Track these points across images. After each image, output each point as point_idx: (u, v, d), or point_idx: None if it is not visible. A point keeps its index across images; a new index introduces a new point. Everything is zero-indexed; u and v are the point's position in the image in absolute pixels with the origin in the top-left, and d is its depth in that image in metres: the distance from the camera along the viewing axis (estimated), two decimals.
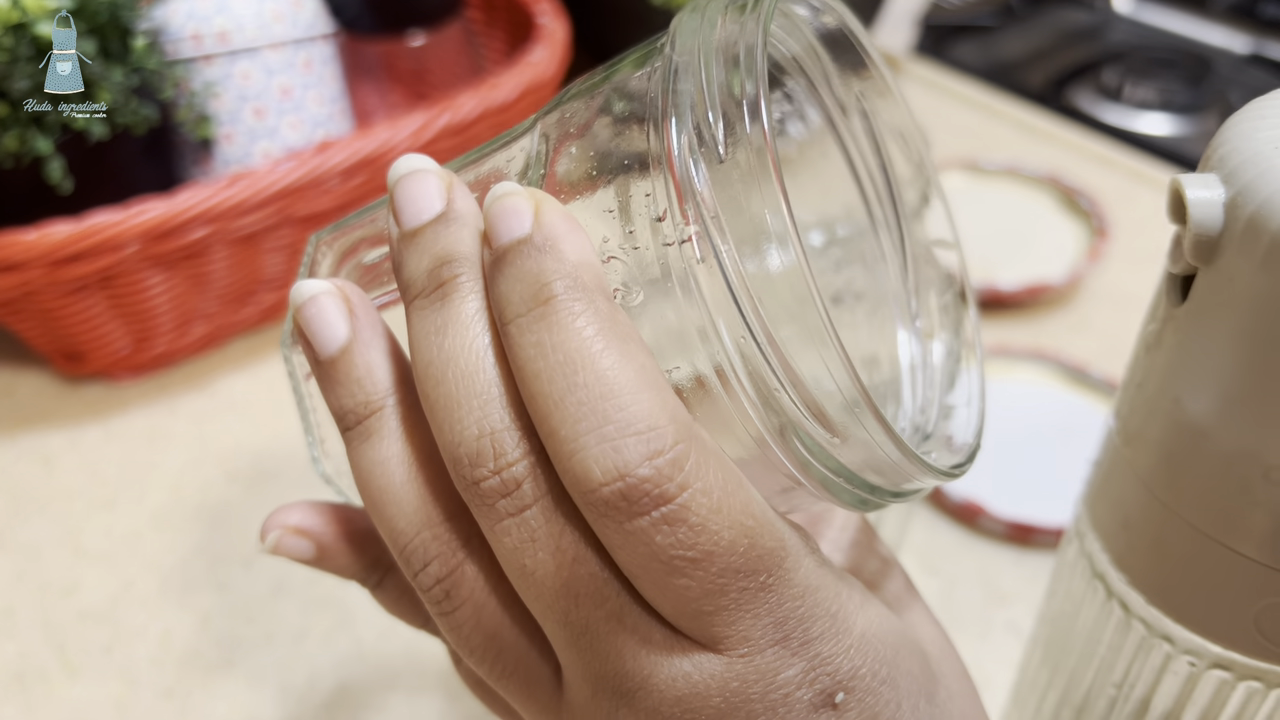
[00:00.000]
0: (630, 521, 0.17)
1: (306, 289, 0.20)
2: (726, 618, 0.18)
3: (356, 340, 0.20)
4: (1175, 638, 0.24)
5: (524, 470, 0.18)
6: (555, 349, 0.17)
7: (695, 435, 0.17)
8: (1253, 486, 0.21)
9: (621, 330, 0.18)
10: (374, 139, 0.51)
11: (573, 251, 0.18)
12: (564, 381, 0.17)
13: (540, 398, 0.17)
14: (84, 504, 0.48)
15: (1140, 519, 0.24)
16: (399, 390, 0.20)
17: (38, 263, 0.45)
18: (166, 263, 0.49)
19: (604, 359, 0.17)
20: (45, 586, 0.44)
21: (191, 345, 0.54)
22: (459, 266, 0.19)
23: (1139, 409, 0.24)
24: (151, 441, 0.51)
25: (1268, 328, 0.20)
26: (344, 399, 0.20)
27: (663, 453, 0.17)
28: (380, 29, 0.63)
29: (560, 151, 0.20)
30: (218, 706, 0.39)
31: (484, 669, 0.20)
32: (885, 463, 0.19)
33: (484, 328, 0.18)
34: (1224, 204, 0.20)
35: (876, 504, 0.20)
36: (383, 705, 0.39)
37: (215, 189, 0.47)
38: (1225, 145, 0.20)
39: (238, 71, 0.54)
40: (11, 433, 0.52)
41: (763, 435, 0.18)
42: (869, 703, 0.19)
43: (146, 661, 0.40)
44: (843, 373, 0.17)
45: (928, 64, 0.84)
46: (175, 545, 0.45)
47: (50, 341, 0.52)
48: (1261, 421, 0.21)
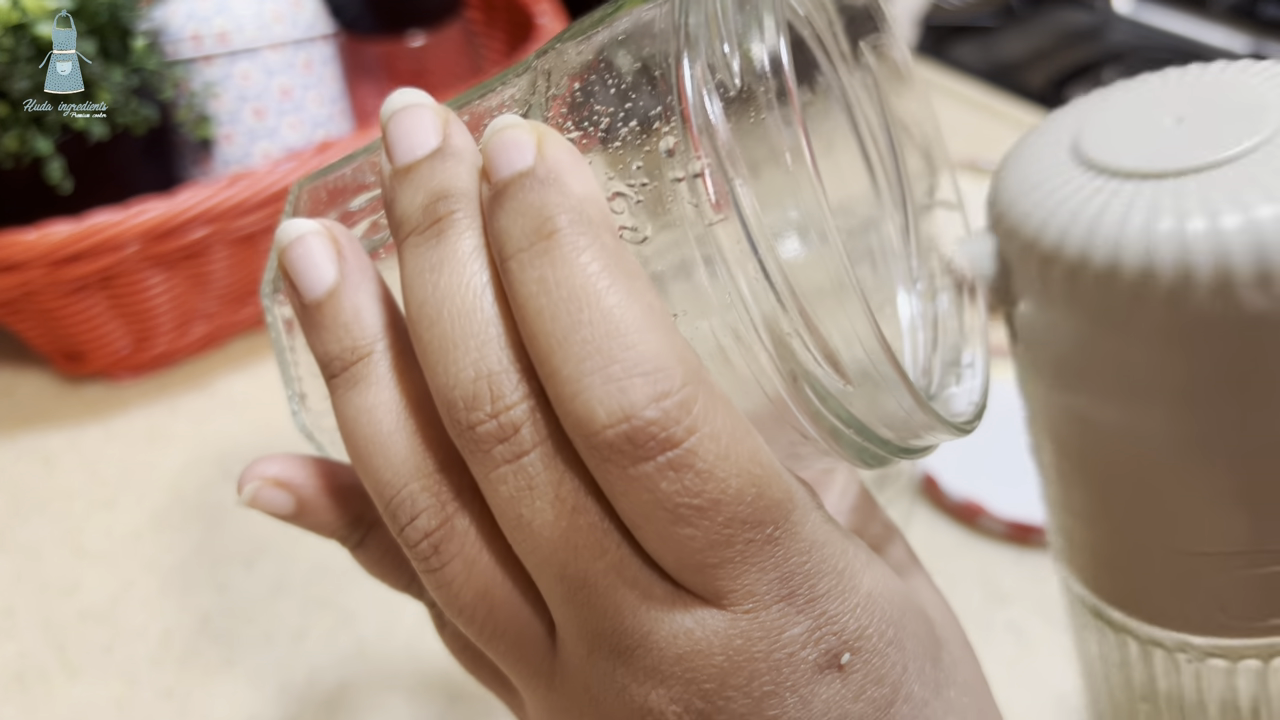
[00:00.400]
0: (635, 466, 0.16)
1: (293, 228, 0.19)
2: (731, 571, 0.17)
3: (345, 282, 0.19)
4: (1160, 638, 0.25)
5: (523, 414, 0.17)
6: (559, 284, 0.16)
7: (703, 378, 0.17)
8: (1138, 475, 0.22)
9: (628, 267, 0.17)
10: (373, 138, 0.51)
11: (578, 185, 0.17)
12: (567, 319, 0.16)
13: (542, 336, 0.16)
14: (84, 504, 0.48)
15: (1079, 530, 0.25)
16: (389, 335, 0.19)
17: (38, 263, 0.45)
18: (167, 263, 0.49)
19: (610, 296, 0.16)
20: (45, 586, 0.44)
21: (191, 345, 0.55)
22: (455, 202, 0.18)
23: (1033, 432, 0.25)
24: (152, 441, 0.51)
25: (1065, 351, 0.21)
26: (330, 344, 0.19)
27: (670, 394, 0.16)
28: (380, 29, 0.63)
29: (563, 87, 0.19)
30: (218, 706, 0.39)
31: (473, 629, 0.19)
32: (897, 415, 0.18)
33: (482, 265, 0.17)
34: (992, 252, 0.21)
35: (885, 459, 0.20)
36: (383, 705, 0.39)
37: (215, 189, 0.47)
38: (993, 192, 0.22)
39: (237, 72, 0.54)
40: (12, 432, 0.52)
41: (774, 382, 0.17)
42: (875, 664, 0.18)
43: (146, 661, 0.40)
44: (861, 317, 0.16)
45: (928, 64, 0.84)
46: (175, 545, 0.45)
47: (50, 341, 0.52)
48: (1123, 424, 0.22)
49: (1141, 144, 0.20)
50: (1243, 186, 0.18)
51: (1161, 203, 0.19)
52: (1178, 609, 0.24)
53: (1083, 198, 0.20)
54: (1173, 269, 0.18)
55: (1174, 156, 0.19)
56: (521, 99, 0.19)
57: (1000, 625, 0.41)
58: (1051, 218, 0.20)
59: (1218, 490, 0.21)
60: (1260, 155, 0.19)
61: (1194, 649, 0.24)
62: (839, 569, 0.18)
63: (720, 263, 0.17)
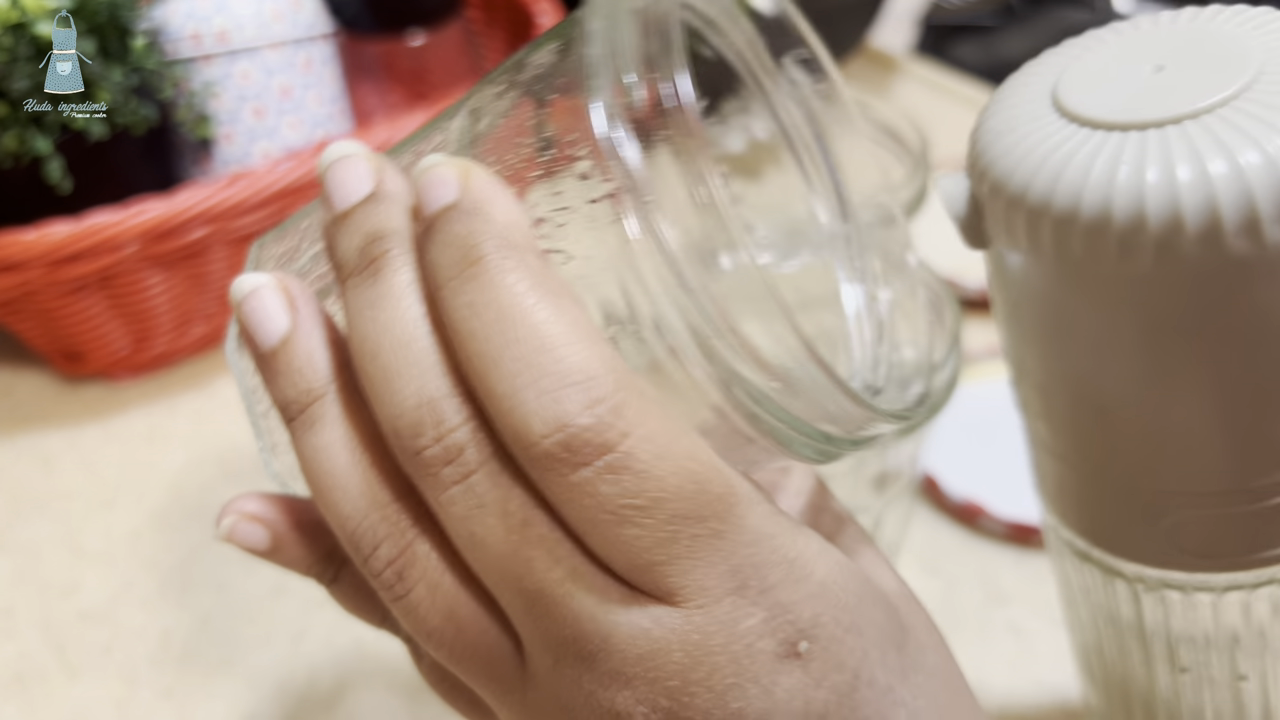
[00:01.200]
0: (575, 473, 0.17)
1: (246, 283, 0.20)
2: (681, 567, 0.18)
3: (297, 330, 0.20)
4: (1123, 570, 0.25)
5: (466, 435, 0.18)
6: (488, 306, 0.17)
7: (633, 384, 0.17)
8: (1099, 427, 0.23)
9: (554, 285, 0.18)
10: (373, 139, 0.51)
11: (500, 213, 0.18)
12: (499, 338, 0.17)
13: (476, 358, 0.17)
14: (83, 504, 0.48)
15: (1053, 472, 0.26)
16: (341, 375, 0.20)
17: (37, 263, 0.45)
18: (166, 263, 0.49)
19: (537, 313, 0.17)
20: (45, 586, 0.44)
21: (191, 345, 0.55)
22: (389, 241, 0.19)
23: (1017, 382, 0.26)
24: (151, 441, 0.51)
25: (1028, 294, 0.22)
26: (286, 389, 0.20)
27: (602, 400, 0.17)
28: (380, 29, 0.63)
29: (489, 125, 0.20)
30: (217, 706, 0.39)
31: (443, 653, 0.20)
32: (835, 410, 0.19)
33: (417, 298, 0.18)
34: (967, 194, 0.22)
35: (834, 454, 0.20)
36: (383, 705, 0.39)
37: (215, 189, 0.47)
38: (974, 138, 0.22)
39: (237, 71, 0.54)
40: (11, 433, 0.52)
41: (710, 390, 0.18)
42: (834, 651, 0.19)
43: (146, 661, 0.41)
44: (779, 319, 0.17)
45: (928, 64, 0.84)
46: (175, 545, 0.45)
47: (50, 341, 0.52)
48: (1078, 376, 0.22)
49: (1122, 94, 0.20)
50: (1226, 134, 0.19)
51: (1147, 153, 0.19)
52: (1135, 543, 0.24)
53: (1068, 150, 0.20)
54: (1162, 218, 0.19)
55: (1155, 106, 0.20)
56: (453, 140, 0.21)
57: (1000, 625, 0.41)
58: (1036, 171, 0.20)
59: (1186, 432, 0.22)
60: (1241, 102, 0.19)
61: (1150, 580, 0.25)
62: (790, 558, 0.19)
63: (640, 278, 0.18)
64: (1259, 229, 0.18)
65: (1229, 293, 0.19)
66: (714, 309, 0.17)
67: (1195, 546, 0.23)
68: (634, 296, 0.18)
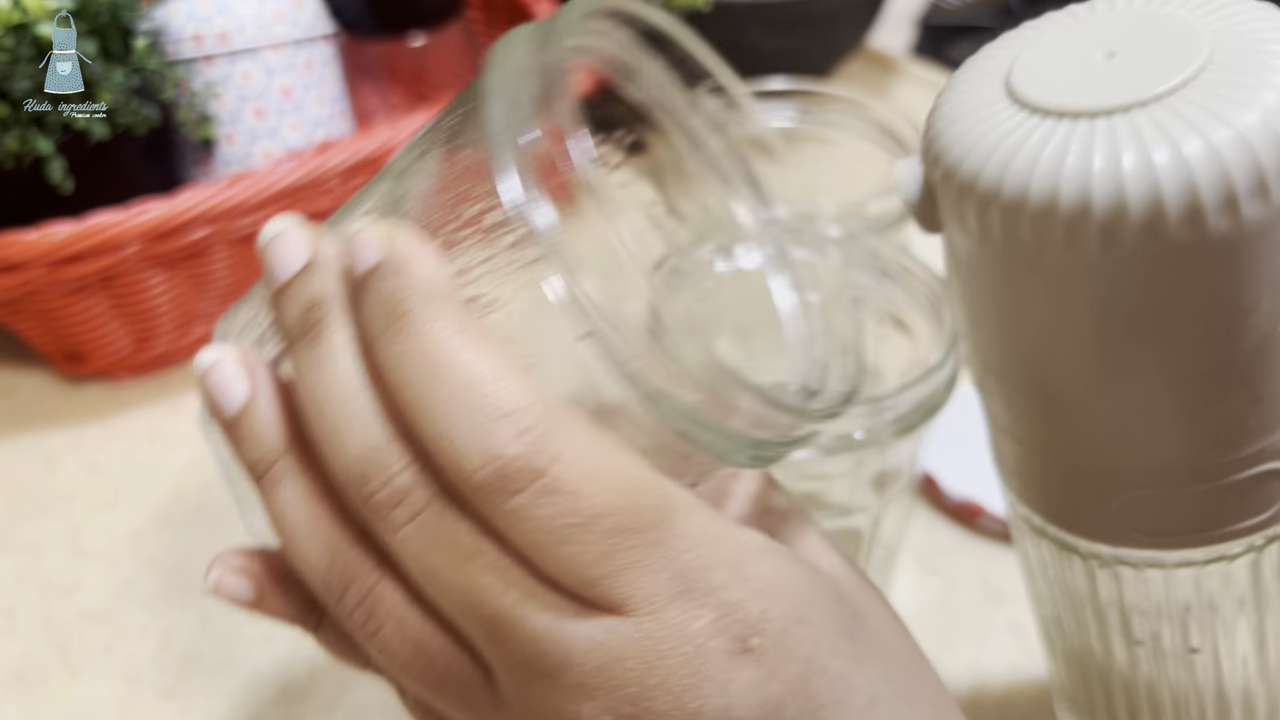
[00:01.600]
0: (511, 499, 0.18)
1: (207, 358, 0.22)
2: (626, 578, 0.19)
3: (257, 396, 0.21)
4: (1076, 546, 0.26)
5: (410, 478, 0.19)
6: (417, 354, 0.18)
7: (559, 411, 0.19)
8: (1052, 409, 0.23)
9: (476, 329, 0.19)
10: (374, 139, 0.51)
11: (422, 268, 0.19)
12: (429, 381, 0.18)
13: (411, 404, 0.19)
14: (85, 503, 0.48)
15: (1010, 454, 0.26)
16: (297, 435, 0.21)
17: (39, 263, 0.45)
18: (167, 263, 0.49)
19: (462, 354, 0.18)
20: (46, 586, 0.44)
21: (192, 345, 0.55)
22: (326, 306, 0.20)
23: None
24: (152, 441, 0.51)
25: (980, 280, 0.22)
26: (251, 451, 0.21)
27: (530, 429, 0.18)
28: (381, 30, 0.63)
29: (410, 187, 0.22)
30: (218, 706, 0.39)
31: (418, 684, 0.21)
32: (762, 417, 0.20)
33: (354, 355, 0.20)
34: (921, 179, 0.22)
35: (772, 457, 0.21)
36: (385, 705, 0.39)
37: (216, 189, 0.47)
38: (928, 122, 0.22)
39: (238, 72, 0.54)
40: (13, 433, 0.52)
41: (638, 410, 0.19)
42: (784, 643, 0.19)
43: (147, 661, 0.41)
44: (692, 341, 0.19)
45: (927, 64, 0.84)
46: (176, 545, 0.45)
47: (51, 342, 0.52)
48: (1027, 359, 0.23)
49: (1074, 81, 0.21)
50: (1172, 124, 0.19)
51: (1094, 142, 0.19)
52: (1089, 521, 0.25)
53: (1018, 138, 0.20)
54: (1107, 207, 0.19)
55: (1105, 94, 0.20)
56: (381, 203, 0.22)
57: (1000, 625, 0.41)
58: (987, 158, 0.20)
59: (1136, 416, 0.22)
60: (1189, 91, 0.19)
61: (1104, 557, 0.25)
62: (732, 560, 0.20)
63: (555, 319, 0.19)
64: (1202, 218, 0.19)
65: (1174, 280, 0.20)
66: (629, 338, 0.18)
67: (1147, 525, 0.24)
68: (554, 335, 0.19)
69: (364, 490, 0.19)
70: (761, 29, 0.65)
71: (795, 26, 0.66)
